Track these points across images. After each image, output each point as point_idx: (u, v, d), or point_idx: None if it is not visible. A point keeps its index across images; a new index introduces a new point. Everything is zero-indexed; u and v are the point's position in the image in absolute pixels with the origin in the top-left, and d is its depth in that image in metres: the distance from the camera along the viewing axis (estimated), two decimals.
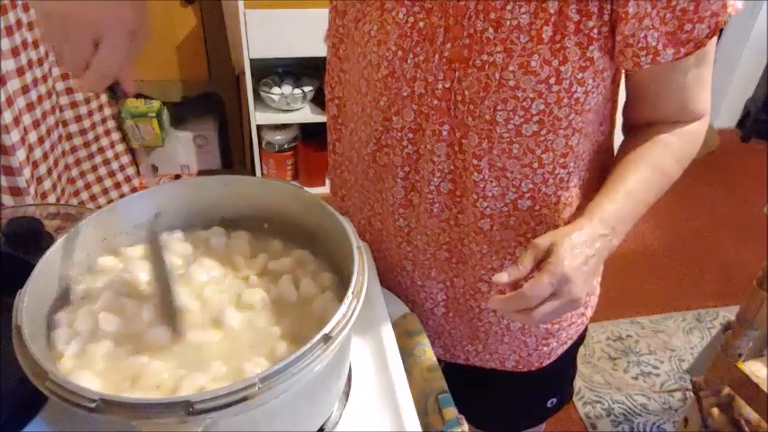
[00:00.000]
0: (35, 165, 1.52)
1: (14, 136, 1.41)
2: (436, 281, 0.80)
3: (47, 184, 1.58)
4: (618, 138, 0.76)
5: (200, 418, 0.42)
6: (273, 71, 2.21)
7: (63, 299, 0.60)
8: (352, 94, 0.75)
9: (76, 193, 1.97)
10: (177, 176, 2.39)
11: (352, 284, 0.53)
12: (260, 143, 2.24)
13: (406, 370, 0.68)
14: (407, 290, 0.83)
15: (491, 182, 0.69)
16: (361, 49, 0.70)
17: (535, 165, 0.68)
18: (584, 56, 0.61)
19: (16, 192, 1.45)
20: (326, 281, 0.63)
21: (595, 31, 0.60)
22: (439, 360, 0.84)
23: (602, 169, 0.74)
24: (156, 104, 2.19)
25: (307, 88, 2.16)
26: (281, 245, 0.69)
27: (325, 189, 2.37)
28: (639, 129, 0.71)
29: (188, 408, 0.42)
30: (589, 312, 0.89)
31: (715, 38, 0.61)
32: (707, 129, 0.71)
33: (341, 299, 0.52)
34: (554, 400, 0.94)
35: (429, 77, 0.66)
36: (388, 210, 0.77)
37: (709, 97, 0.69)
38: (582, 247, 0.59)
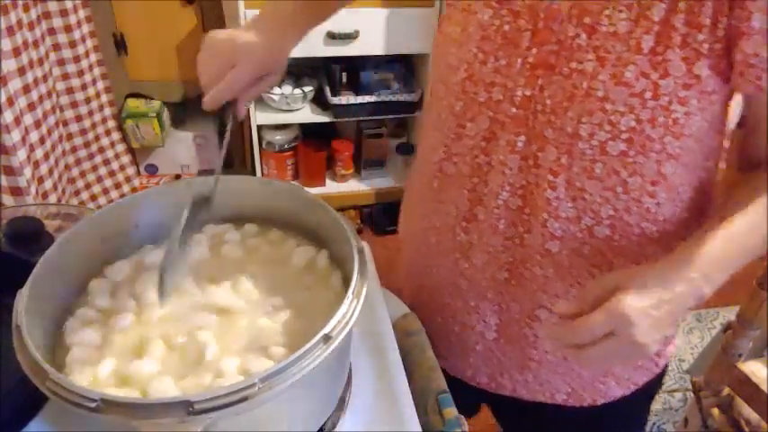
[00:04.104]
0: (36, 164, 1.52)
1: (15, 136, 1.41)
2: (491, 303, 0.73)
3: (48, 184, 1.58)
4: None
5: (200, 418, 0.42)
6: None
7: (64, 299, 0.60)
8: (430, 100, 0.73)
9: (77, 193, 1.97)
10: (177, 176, 2.39)
11: (352, 284, 0.53)
12: (260, 143, 2.24)
13: (406, 370, 0.68)
14: (457, 310, 0.77)
15: (566, 202, 0.62)
16: (442, 51, 0.68)
17: (619, 189, 0.60)
18: (689, 72, 0.54)
19: (17, 191, 1.45)
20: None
21: (706, 46, 0.53)
22: (483, 391, 0.81)
23: (705, 211, 0.65)
24: (156, 104, 2.18)
25: (307, 88, 2.16)
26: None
27: (325, 189, 2.37)
28: (758, 168, 0.62)
29: (188, 408, 0.42)
30: (662, 362, 0.78)
31: None
32: None
33: (341, 298, 0.52)
34: None
35: (509, 83, 0.62)
36: (449, 223, 0.72)
37: None
38: (656, 288, 0.52)
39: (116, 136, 2.09)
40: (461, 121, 0.67)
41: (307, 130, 2.30)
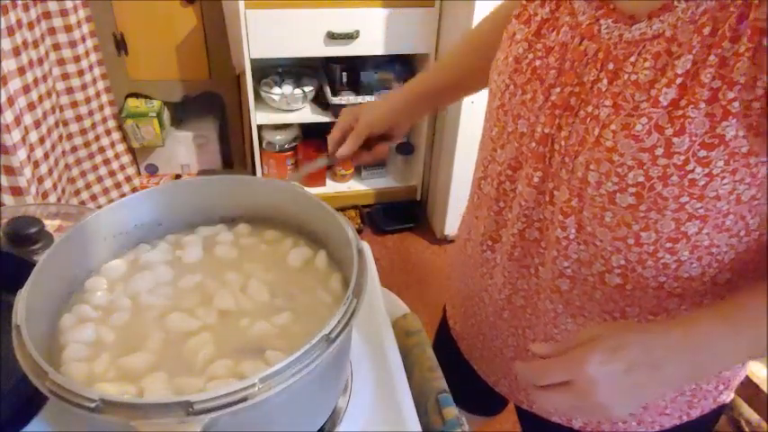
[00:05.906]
0: (36, 164, 1.52)
1: (15, 136, 1.41)
2: (508, 324, 0.75)
3: (47, 184, 1.58)
4: None
5: (199, 418, 0.42)
6: (274, 71, 2.21)
7: (64, 298, 0.60)
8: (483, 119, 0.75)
9: (77, 193, 1.97)
10: (177, 176, 2.39)
11: (352, 285, 0.53)
12: (260, 143, 2.24)
13: (406, 370, 0.68)
14: (481, 322, 0.80)
15: (577, 244, 0.61)
16: (491, 77, 0.69)
17: (630, 241, 0.57)
18: (712, 131, 0.49)
19: (17, 191, 1.45)
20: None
21: (736, 104, 0.47)
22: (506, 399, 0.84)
23: (756, 276, 0.58)
24: (156, 104, 2.19)
25: (307, 88, 2.16)
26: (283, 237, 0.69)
27: (325, 189, 2.37)
28: None
29: (188, 408, 0.42)
30: (695, 412, 0.72)
31: None
32: None
33: (340, 300, 0.52)
34: None
35: (531, 118, 0.62)
36: (479, 239, 0.75)
37: None
38: (634, 351, 0.48)
39: (116, 136, 2.09)
40: (495, 146, 0.68)
41: (307, 130, 2.30)
